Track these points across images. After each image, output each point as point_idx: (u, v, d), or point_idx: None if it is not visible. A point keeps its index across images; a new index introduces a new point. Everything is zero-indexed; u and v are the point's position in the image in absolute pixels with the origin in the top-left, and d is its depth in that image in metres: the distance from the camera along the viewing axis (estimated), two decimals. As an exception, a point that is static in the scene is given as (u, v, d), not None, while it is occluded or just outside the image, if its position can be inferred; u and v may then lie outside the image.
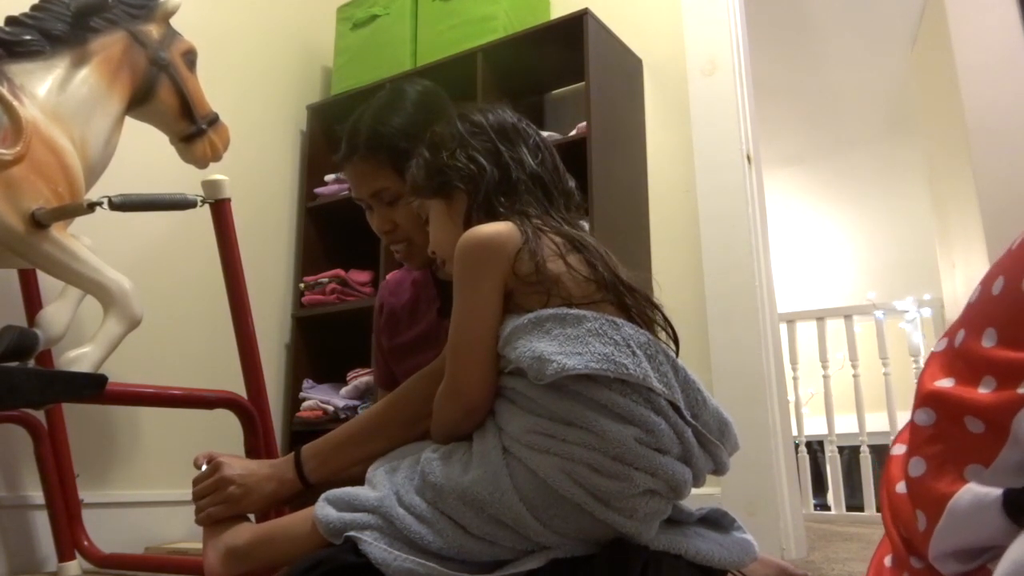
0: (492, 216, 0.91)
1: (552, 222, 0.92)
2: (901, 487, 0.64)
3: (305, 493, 1.03)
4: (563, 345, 0.79)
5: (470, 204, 0.93)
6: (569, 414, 0.78)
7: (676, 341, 0.92)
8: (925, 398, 0.62)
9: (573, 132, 2.23)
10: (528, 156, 0.95)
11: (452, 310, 0.89)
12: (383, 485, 0.87)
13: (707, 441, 0.83)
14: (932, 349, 0.67)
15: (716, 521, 0.91)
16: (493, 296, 0.86)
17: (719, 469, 0.87)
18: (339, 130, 1.23)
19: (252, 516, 1.06)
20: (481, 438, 0.85)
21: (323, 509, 0.87)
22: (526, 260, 0.85)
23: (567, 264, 0.86)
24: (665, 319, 0.91)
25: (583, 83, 2.23)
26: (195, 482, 1.06)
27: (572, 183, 1.00)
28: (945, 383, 0.61)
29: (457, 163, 0.94)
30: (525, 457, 0.79)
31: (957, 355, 0.62)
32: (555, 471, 0.78)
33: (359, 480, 0.92)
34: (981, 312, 0.61)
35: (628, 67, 2.44)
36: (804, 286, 5.74)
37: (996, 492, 0.52)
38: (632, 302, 0.88)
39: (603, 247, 0.91)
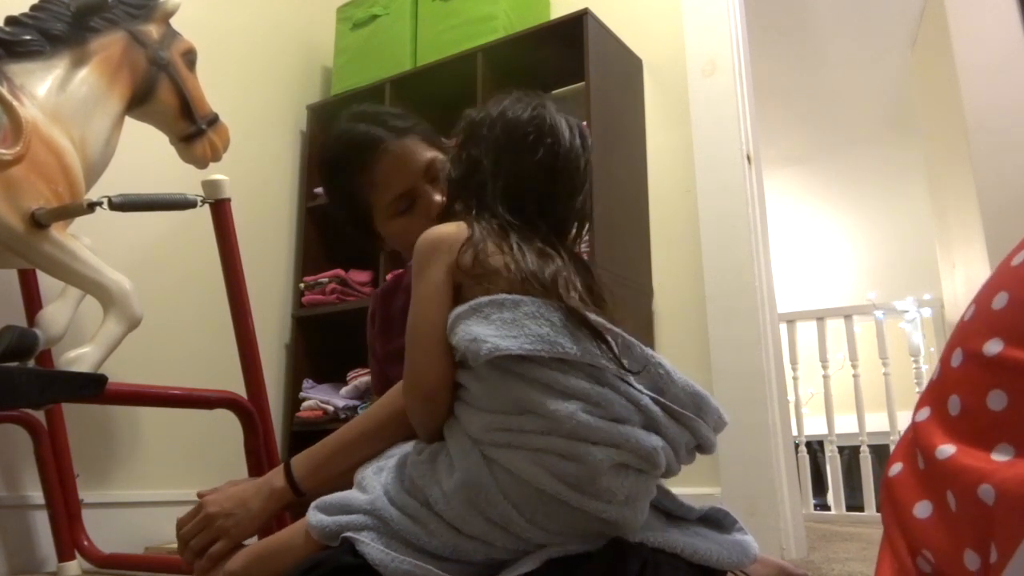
0: (453, 217, 0.95)
1: (522, 231, 0.91)
2: (921, 511, 0.57)
3: (298, 503, 1.01)
4: (499, 328, 0.81)
5: (445, 205, 0.99)
6: (517, 402, 0.79)
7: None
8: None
9: (573, 132, 2.23)
10: (514, 164, 0.94)
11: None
12: (373, 487, 0.87)
13: (680, 415, 0.82)
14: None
15: (717, 521, 0.90)
16: (441, 286, 0.88)
17: (704, 445, 0.85)
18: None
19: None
20: (455, 441, 0.84)
21: (315, 516, 0.86)
22: (468, 252, 0.87)
23: (513, 259, 0.87)
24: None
25: (583, 83, 2.23)
26: (180, 526, 1.04)
27: (580, 203, 0.99)
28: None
29: (448, 163, 1.00)
30: (495, 457, 0.80)
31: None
32: (526, 464, 0.78)
33: (350, 487, 0.92)
34: (984, 324, 0.58)
35: (628, 67, 2.44)
36: (804, 286, 5.74)
37: None
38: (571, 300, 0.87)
39: (587, 271, 0.91)
